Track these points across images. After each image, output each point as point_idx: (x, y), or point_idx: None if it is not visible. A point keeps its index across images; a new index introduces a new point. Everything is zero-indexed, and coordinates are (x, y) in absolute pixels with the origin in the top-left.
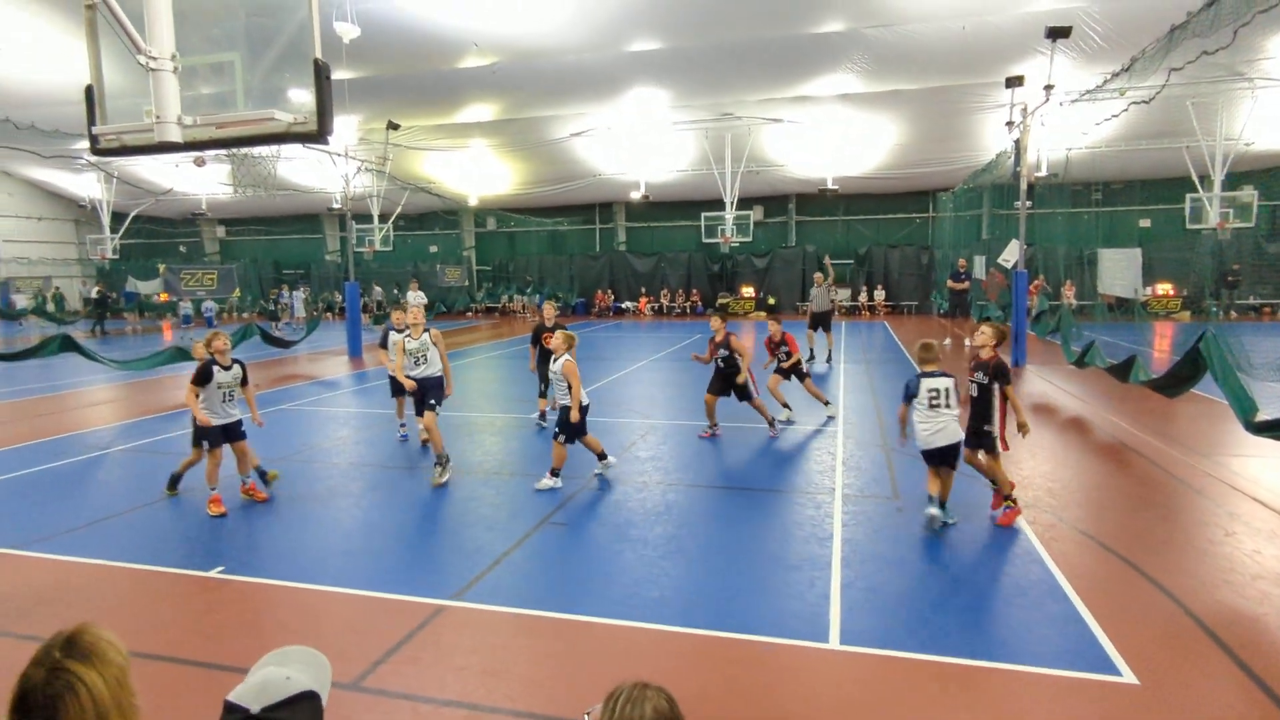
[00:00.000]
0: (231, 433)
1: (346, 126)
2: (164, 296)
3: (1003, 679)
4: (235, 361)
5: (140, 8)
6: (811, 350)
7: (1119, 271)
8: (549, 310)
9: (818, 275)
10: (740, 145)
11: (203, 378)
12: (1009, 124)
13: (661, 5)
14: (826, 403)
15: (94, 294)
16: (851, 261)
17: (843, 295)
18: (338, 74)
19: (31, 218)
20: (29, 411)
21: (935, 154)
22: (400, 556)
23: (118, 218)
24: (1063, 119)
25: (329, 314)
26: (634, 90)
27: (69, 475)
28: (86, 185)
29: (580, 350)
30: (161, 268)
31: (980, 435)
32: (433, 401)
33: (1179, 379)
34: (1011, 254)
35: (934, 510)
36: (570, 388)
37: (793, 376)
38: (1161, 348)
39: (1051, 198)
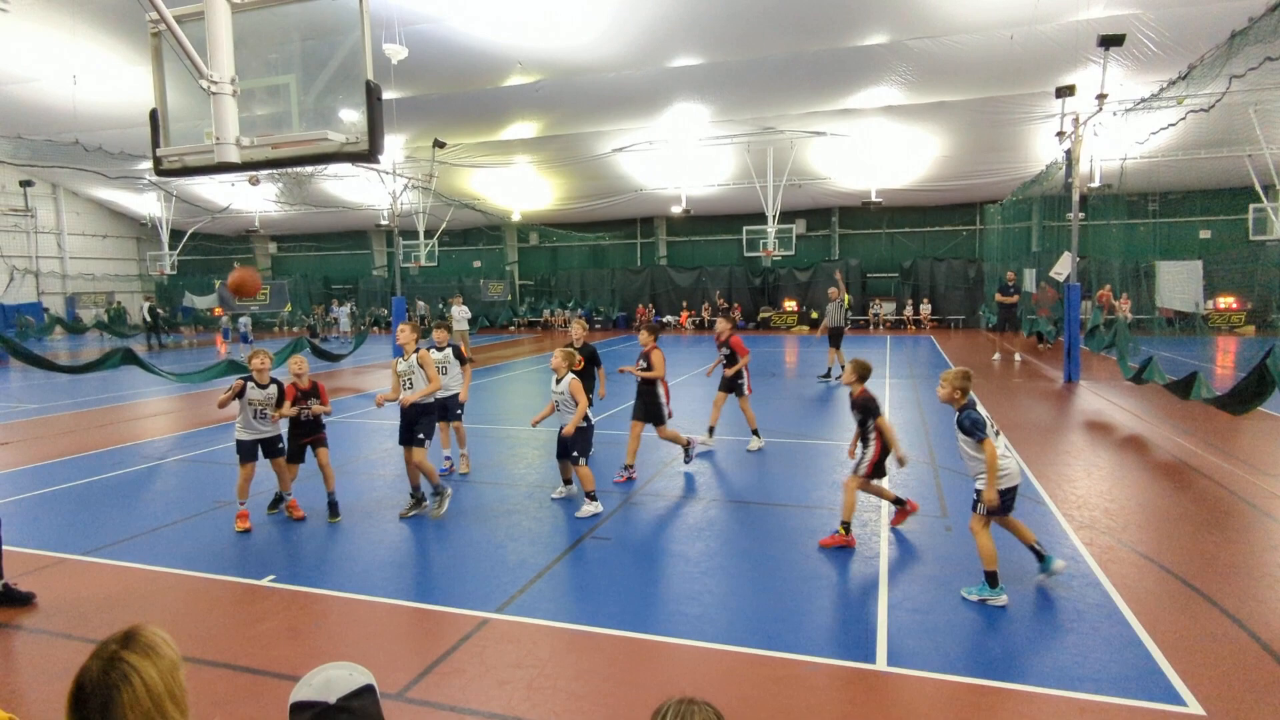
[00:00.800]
0: (269, 448)
1: (394, 145)
2: (218, 311)
3: (1058, 706)
4: (273, 381)
5: (202, 34)
6: (829, 368)
7: (1178, 284)
8: (577, 329)
9: (832, 290)
10: (782, 159)
11: (236, 393)
12: (1060, 134)
13: (702, 22)
14: (755, 431)
15: (145, 309)
16: (896, 275)
17: (887, 309)
18: (386, 94)
19: (97, 235)
20: (92, 422)
21: (982, 165)
22: (445, 569)
23: (176, 235)
24: (1117, 128)
25: (376, 328)
26: (675, 105)
27: (128, 484)
28: (148, 204)
29: (620, 364)
30: (217, 283)
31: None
32: (421, 436)
33: (1245, 396)
34: (1064, 267)
35: (1057, 562)
36: (577, 404)
37: (731, 392)
38: (1225, 363)
39: (1106, 209)
